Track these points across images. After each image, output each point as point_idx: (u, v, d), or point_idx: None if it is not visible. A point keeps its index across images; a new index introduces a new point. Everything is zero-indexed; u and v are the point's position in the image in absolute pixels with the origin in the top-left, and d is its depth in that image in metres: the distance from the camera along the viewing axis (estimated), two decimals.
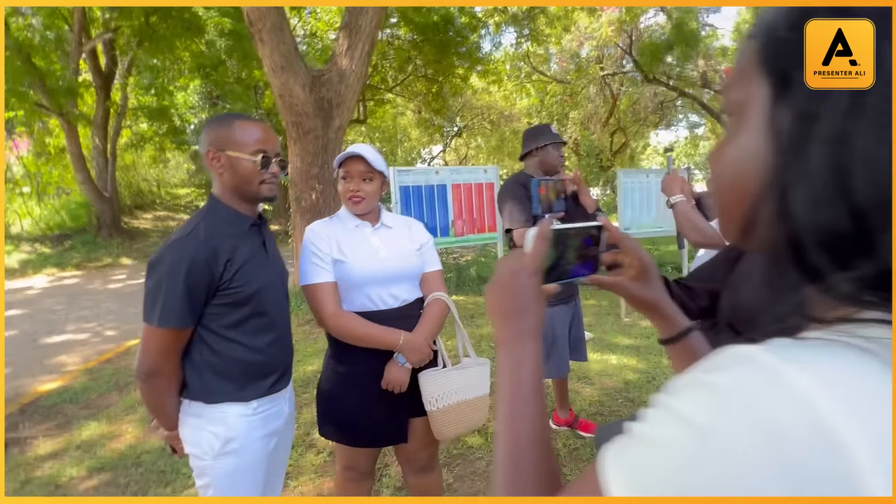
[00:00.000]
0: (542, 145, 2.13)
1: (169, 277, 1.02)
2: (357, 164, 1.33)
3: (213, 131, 1.14)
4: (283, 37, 4.58)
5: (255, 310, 1.14)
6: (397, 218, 1.49)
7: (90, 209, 11.07)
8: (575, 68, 16.53)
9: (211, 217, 1.13)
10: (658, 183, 4.95)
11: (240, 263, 1.10)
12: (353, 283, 1.32)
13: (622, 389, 2.96)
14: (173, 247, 1.06)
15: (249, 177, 1.13)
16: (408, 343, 1.30)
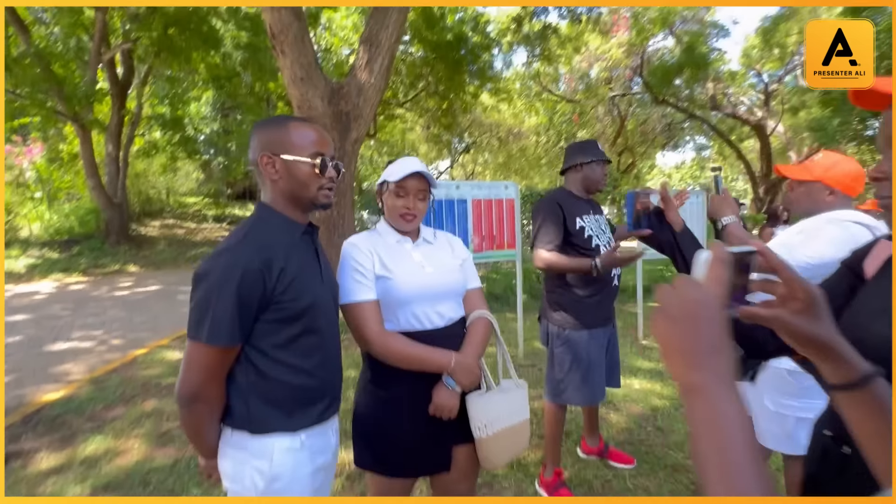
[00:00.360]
0: (588, 161, 2.07)
1: (219, 288, 0.92)
2: (415, 181, 1.27)
3: (265, 134, 1.05)
4: (304, 48, 4.59)
5: (307, 327, 1.03)
6: (436, 233, 1.42)
7: (99, 215, 11.09)
8: (584, 88, 16.68)
9: (261, 225, 1.04)
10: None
11: (293, 274, 1.00)
12: (399, 301, 1.24)
13: (650, 417, 2.84)
14: (223, 256, 0.96)
15: (307, 181, 1.04)
16: (460, 365, 1.21)
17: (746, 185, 31.86)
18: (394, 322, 1.25)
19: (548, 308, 2.12)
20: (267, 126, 1.07)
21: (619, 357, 2.23)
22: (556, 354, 2.08)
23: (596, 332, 2.05)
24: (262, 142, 1.04)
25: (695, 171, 30.65)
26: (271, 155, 1.03)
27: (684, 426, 2.70)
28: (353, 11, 10.95)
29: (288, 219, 1.06)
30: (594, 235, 2.04)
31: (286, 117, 1.08)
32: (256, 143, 1.05)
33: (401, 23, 4.97)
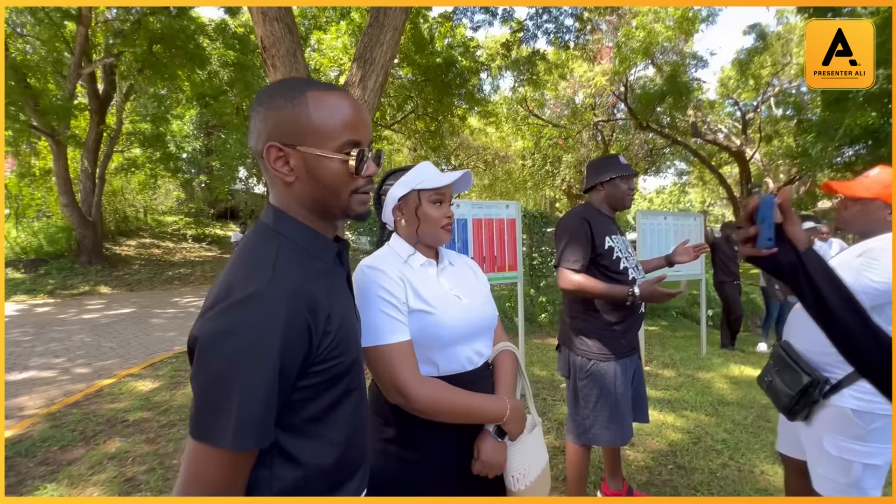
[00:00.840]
0: (609, 178, 1.92)
1: (251, 361, 0.59)
2: (448, 187, 1.09)
3: (275, 112, 0.70)
4: (296, 63, 4.45)
5: (350, 386, 0.75)
6: (452, 254, 1.21)
7: (71, 233, 10.57)
8: (569, 113, 17.03)
9: (285, 245, 0.71)
10: (676, 225, 4.82)
11: (339, 318, 0.71)
12: (439, 341, 1.01)
13: (669, 453, 2.63)
14: (251, 305, 0.61)
15: (338, 185, 0.72)
16: (514, 412, 1.03)
17: (724, 210, 32.77)
18: (430, 367, 1.03)
19: (570, 335, 1.93)
20: (276, 98, 0.70)
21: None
22: (581, 388, 1.87)
23: (622, 362, 1.86)
24: (270, 124, 0.70)
25: (676, 195, 31.43)
26: (283, 146, 0.70)
27: (707, 462, 2.51)
28: (344, 32, 10.97)
29: (316, 232, 0.76)
30: (623, 257, 1.87)
31: (304, 82, 0.72)
32: (262, 126, 0.71)
33: (395, 41, 4.89)
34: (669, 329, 6.59)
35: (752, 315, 8.11)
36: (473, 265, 1.23)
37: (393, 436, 1.04)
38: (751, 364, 4.65)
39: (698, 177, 23.46)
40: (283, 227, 0.73)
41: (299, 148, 0.70)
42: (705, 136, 16.04)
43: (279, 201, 0.75)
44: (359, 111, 0.74)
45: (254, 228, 0.75)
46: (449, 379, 1.02)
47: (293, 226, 0.74)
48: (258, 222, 0.76)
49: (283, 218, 0.74)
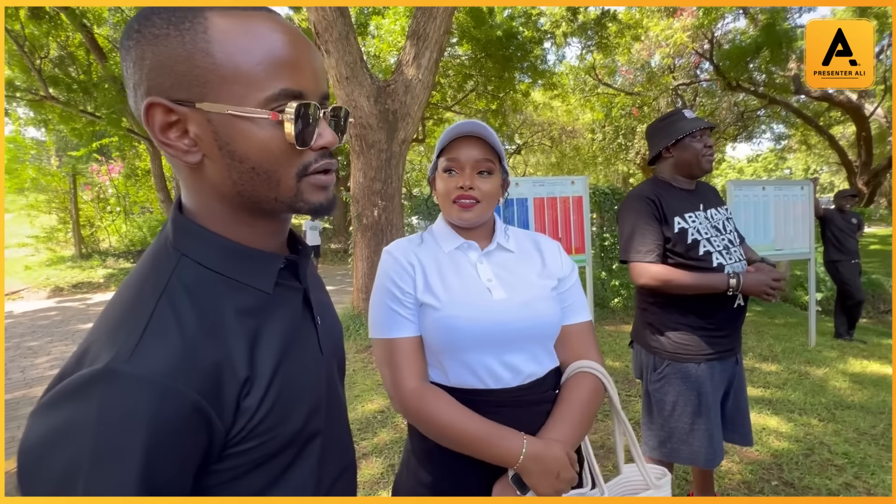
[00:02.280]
0: (675, 141, 1.55)
1: (92, 478, 0.37)
2: (469, 148, 0.85)
3: (153, 47, 0.43)
4: (349, 47, 4.39)
5: (299, 453, 0.52)
6: (519, 234, 0.97)
7: None
8: (644, 79, 15.58)
9: (184, 277, 0.46)
10: (777, 196, 4.13)
11: (267, 378, 0.47)
12: (447, 344, 0.81)
13: (773, 466, 2.23)
14: (86, 401, 0.38)
15: (273, 163, 0.47)
16: (536, 460, 0.74)
17: (833, 178, 28.56)
18: (439, 372, 0.84)
19: (644, 330, 1.63)
20: (158, 24, 0.43)
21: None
22: (653, 392, 1.58)
23: (712, 364, 1.53)
24: (147, 66, 0.44)
25: (771, 163, 27.88)
26: (174, 102, 0.44)
27: (824, 481, 2.09)
28: (402, 15, 10.85)
29: (243, 249, 0.50)
30: (703, 240, 1.51)
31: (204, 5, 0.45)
32: (136, 70, 0.44)
33: (449, 14, 4.65)
34: (766, 315, 5.79)
35: (875, 299, 6.91)
36: (549, 249, 0.95)
37: (413, 447, 0.88)
38: (877, 358, 3.90)
39: (801, 140, 20.50)
40: (186, 242, 0.48)
41: (200, 105, 0.44)
42: (811, 91, 13.86)
43: (187, 196, 0.50)
44: (298, 42, 0.47)
45: (154, 240, 0.51)
46: (460, 394, 0.81)
47: (203, 240, 0.48)
48: (161, 230, 0.52)
49: (187, 228, 0.48)
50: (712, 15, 12.07)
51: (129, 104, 0.48)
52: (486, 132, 0.85)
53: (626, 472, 0.89)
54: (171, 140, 0.45)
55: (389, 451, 2.46)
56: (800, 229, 4.23)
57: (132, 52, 0.44)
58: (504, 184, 0.92)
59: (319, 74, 0.49)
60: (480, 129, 0.84)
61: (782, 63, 12.74)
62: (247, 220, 0.50)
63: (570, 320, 0.90)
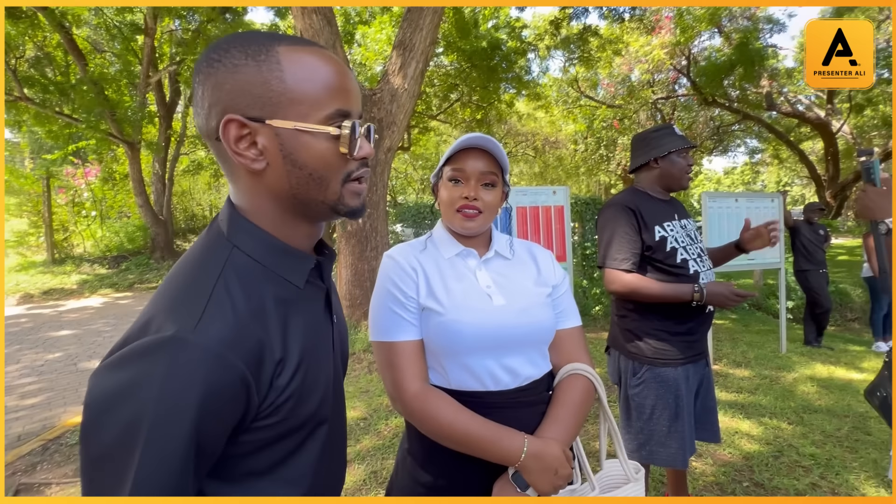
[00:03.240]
0: (665, 153, 1.64)
1: (151, 437, 0.43)
2: (475, 160, 0.88)
3: (231, 74, 0.52)
4: (336, 55, 4.43)
5: (311, 436, 0.59)
6: (516, 243, 1.01)
7: (146, 232, 11.50)
8: (625, 92, 16.01)
9: (236, 265, 0.54)
10: (750, 208, 4.30)
11: (295, 362, 0.55)
12: (449, 348, 0.85)
13: (744, 468, 2.31)
14: (155, 361, 0.45)
15: (327, 170, 0.55)
16: (536, 459, 0.78)
17: (804, 190, 29.67)
18: (440, 375, 0.87)
19: (620, 337, 1.69)
20: (234, 54, 0.52)
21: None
22: (633, 397, 1.64)
23: (686, 368, 1.60)
24: (226, 90, 0.52)
25: (747, 176, 28.84)
26: (248, 119, 0.52)
27: (792, 481, 2.17)
28: (388, 24, 10.95)
29: (284, 246, 0.58)
30: (680, 248, 1.60)
31: (269, 35, 0.55)
32: (213, 93, 0.53)
33: (435, 25, 4.73)
34: (741, 323, 5.97)
35: (842, 308, 7.20)
36: (544, 258, 1.00)
37: (409, 447, 0.91)
38: (843, 365, 4.07)
39: (773, 154, 21.30)
40: (239, 235, 0.56)
41: (270, 122, 0.52)
42: (782, 108, 14.46)
43: (242, 198, 0.58)
44: (347, 73, 0.57)
45: (206, 231, 0.59)
46: (461, 396, 0.84)
47: (253, 235, 0.56)
48: (212, 222, 0.59)
49: (241, 223, 0.57)
50: (689, 33, 12.52)
51: (197, 122, 0.56)
52: (493, 146, 0.89)
53: (607, 468, 0.94)
54: (241, 150, 0.53)
55: (372, 458, 2.46)
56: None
57: (211, 78, 0.53)
58: (505, 195, 0.97)
59: (360, 98, 0.59)
60: (488, 142, 0.88)
61: (755, 80, 13.27)
62: (291, 221, 0.58)
63: (563, 325, 0.95)
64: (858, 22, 1.11)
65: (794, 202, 27.72)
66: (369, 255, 4.73)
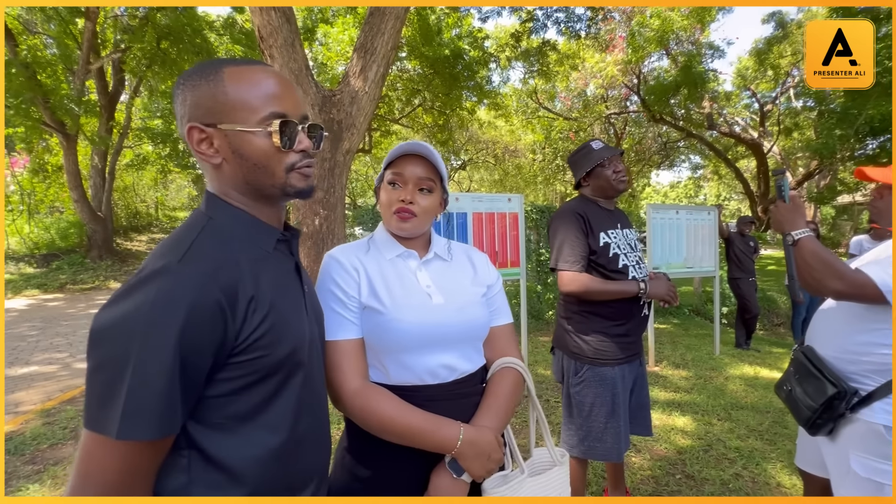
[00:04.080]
0: (592, 168, 1.76)
1: (145, 345, 0.54)
2: (413, 166, 0.93)
3: (192, 91, 0.67)
4: (294, 53, 4.35)
5: (285, 383, 0.68)
6: (454, 246, 1.05)
7: (82, 229, 10.69)
8: (581, 106, 16.70)
9: (213, 228, 0.67)
10: (689, 220, 4.61)
11: (268, 305, 0.65)
12: (390, 346, 0.88)
13: (677, 461, 2.48)
14: (149, 284, 0.56)
15: (267, 162, 0.68)
16: (471, 445, 0.83)
17: (740, 205, 32.03)
18: (380, 372, 0.90)
19: (566, 337, 1.78)
20: (193, 77, 0.67)
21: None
22: (574, 395, 1.73)
23: (621, 368, 1.71)
24: (188, 106, 0.67)
25: (691, 190, 30.77)
26: (204, 126, 0.66)
27: (718, 472, 2.35)
28: (351, 26, 10.86)
29: (252, 218, 0.71)
30: (621, 254, 1.72)
31: (222, 60, 0.70)
32: (181, 108, 0.68)
33: (397, 30, 4.76)
34: (682, 327, 6.37)
35: (769, 313, 7.83)
36: (480, 260, 1.06)
37: (347, 446, 0.93)
38: (767, 365, 4.44)
39: (714, 171, 22.89)
40: (214, 211, 0.69)
41: (220, 126, 0.66)
42: (721, 128, 15.60)
43: (213, 186, 0.72)
44: (283, 83, 0.70)
45: (188, 216, 0.72)
46: (401, 391, 0.88)
47: (226, 210, 0.70)
48: (194, 210, 0.72)
49: (216, 202, 0.70)
50: (640, 53, 13.25)
51: (179, 131, 0.70)
52: (430, 153, 0.93)
53: (536, 455, 1.01)
54: (202, 150, 0.68)
55: None
56: (707, 250, 4.75)
57: (179, 97, 0.68)
58: (443, 202, 1.01)
59: (298, 102, 0.71)
60: (426, 150, 0.92)
61: (698, 101, 14.26)
62: (254, 203, 0.71)
63: (496, 322, 1.01)
64: (858, 22, 1.12)
65: (731, 215, 29.87)
66: None
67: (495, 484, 0.88)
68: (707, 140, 16.33)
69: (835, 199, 15.50)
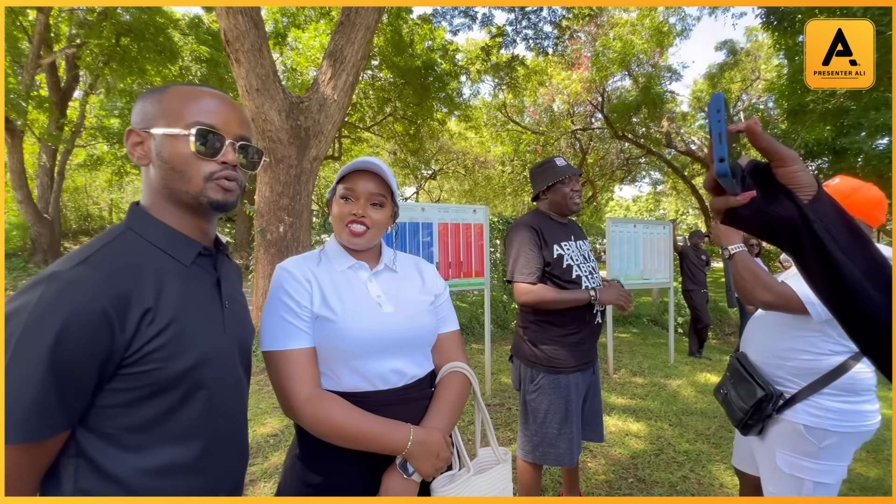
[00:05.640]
0: (550, 184, 1.84)
1: (17, 353, 0.55)
2: (366, 182, 0.96)
3: (140, 103, 0.73)
4: (261, 58, 4.30)
5: (187, 398, 0.67)
6: (402, 257, 1.09)
7: (26, 231, 10.03)
8: (548, 121, 17.22)
9: (126, 239, 0.68)
10: (646, 233, 4.84)
11: (169, 317, 0.64)
12: (342, 353, 0.90)
13: (630, 466, 2.58)
14: (32, 292, 0.57)
15: (183, 167, 0.69)
16: (420, 445, 0.88)
17: (697, 220, 33.71)
18: (332, 379, 0.92)
19: (523, 346, 1.85)
20: (148, 93, 0.74)
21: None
22: (530, 402, 1.79)
23: (576, 376, 1.79)
24: (134, 113, 0.73)
25: (651, 204, 32.15)
26: (140, 130, 0.71)
27: (668, 475, 2.47)
28: (322, 32, 10.80)
29: (171, 230, 0.71)
30: (575, 265, 1.80)
31: (177, 83, 0.76)
32: (132, 117, 0.73)
33: (368, 39, 4.80)
34: (640, 336, 6.63)
35: (721, 323, 8.25)
36: (427, 271, 1.10)
37: (299, 454, 0.94)
38: (717, 373, 4.69)
39: (672, 186, 24.03)
40: (134, 222, 0.71)
41: (149, 130, 0.70)
42: (678, 146, 16.44)
43: (143, 196, 0.74)
44: (222, 102, 0.73)
45: (112, 226, 0.73)
46: (353, 397, 0.90)
47: (148, 221, 0.71)
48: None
49: (137, 214, 0.72)
50: (603, 72, 13.85)
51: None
52: (382, 170, 0.96)
53: (482, 454, 1.05)
54: (135, 151, 0.72)
55: (281, 475, 2.37)
56: (662, 262, 5.00)
57: (134, 107, 0.73)
58: (393, 214, 1.04)
59: (235, 122, 0.74)
60: (377, 167, 0.96)
61: (657, 120, 15.00)
62: (177, 213, 0.72)
63: (443, 329, 1.06)
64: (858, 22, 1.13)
65: (688, 229, 31.39)
66: None
67: (443, 483, 0.92)
68: (665, 157, 17.16)
69: None
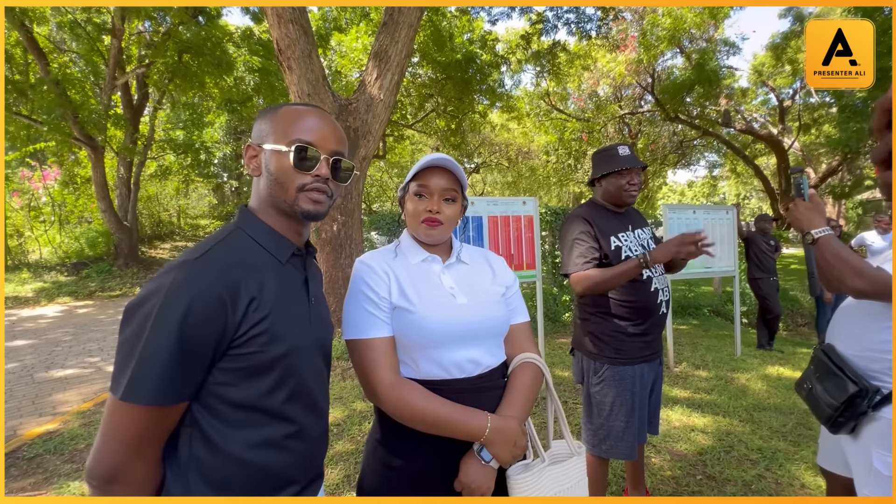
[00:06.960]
0: (605, 174, 1.78)
1: (154, 324, 0.64)
2: (439, 178, 1.00)
3: (257, 123, 0.84)
4: (311, 64, 4.47)
5: (280, 382, 0.76)
6: (472, 250, 1.13)
7: (109, 238, 11.06)
8: (594, 106, 16.60)
9: (236, 236, 0.79)
10: (707, 219, 4.57)
11: (269, 307, 0.74)
12: (420, 342, 0.95)
13: (698, 462, 2.47)
14: (167, 275, 0.68)
15: (282, 178, 0.79)
16: (498, 432, 0.90)
17: (761, 203, 31.33)
18: (411, 368, 0.97)
19: (583, 338, 1.82)
20: (264, 113, 0.85)
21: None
22: (594, 395, 1.76)
23: (641, 367, 1.73)
24: (253, 131, 0.85)
25: (708, 189, 30.22)
26: (256, 146, 0.83)
27: (741, 473, 2.34)
28: (364, 33, 11.03)
29: (274, 232, 0.82)
30: (634, 256, 1.74)
31: (289, 103, 0.86)
32: (252, 134, 0.86)
33: (411, 38, 4.85)
34: (701, 328, 6.29)
35: (792, 313, 7.66)
36: (497, 263, 1.13)
37: (380, 437, 0.99)
38: (790, 366, 4.37)
39: (731, 169, 22.45)
40: (243, 222, 0.82)
41: (262, 145, 0.82)
42: (738, 125, 15.32)
43: (252, 200, 0.85)
44: (322, 120, 0.82)
45: (224, 225, 0.84)
46: (430, 384, 0.94)
47: (253, 222, 0.82)
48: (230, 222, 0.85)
49: (246, 216, 0.83)
50: (652, 52, 13.14)
51: None
52: (453, 166, 1.00)
53: (555, 446, 1.06)
54: (250, 164, 0.83)
55: (346, 463, 2.49)
56: (726, 249, 4.70)
57: (255, 123, 0.85)
58: (463, 208, 1.08)
59: (332, 138, 0.82)
60: (449, 163, 1.00)
61: (713, 99, 14.05)
62: (276, 216, 0.83)
63: (514, 320, 1.08)
64: (858, 22, 1.13)
65: (752, 214, 29.24)
66: (344, 263, 4.75)
67: (518, 471, 0.94)
68: (724, 138, 16.05)
69: (854, 195, 15.05)
